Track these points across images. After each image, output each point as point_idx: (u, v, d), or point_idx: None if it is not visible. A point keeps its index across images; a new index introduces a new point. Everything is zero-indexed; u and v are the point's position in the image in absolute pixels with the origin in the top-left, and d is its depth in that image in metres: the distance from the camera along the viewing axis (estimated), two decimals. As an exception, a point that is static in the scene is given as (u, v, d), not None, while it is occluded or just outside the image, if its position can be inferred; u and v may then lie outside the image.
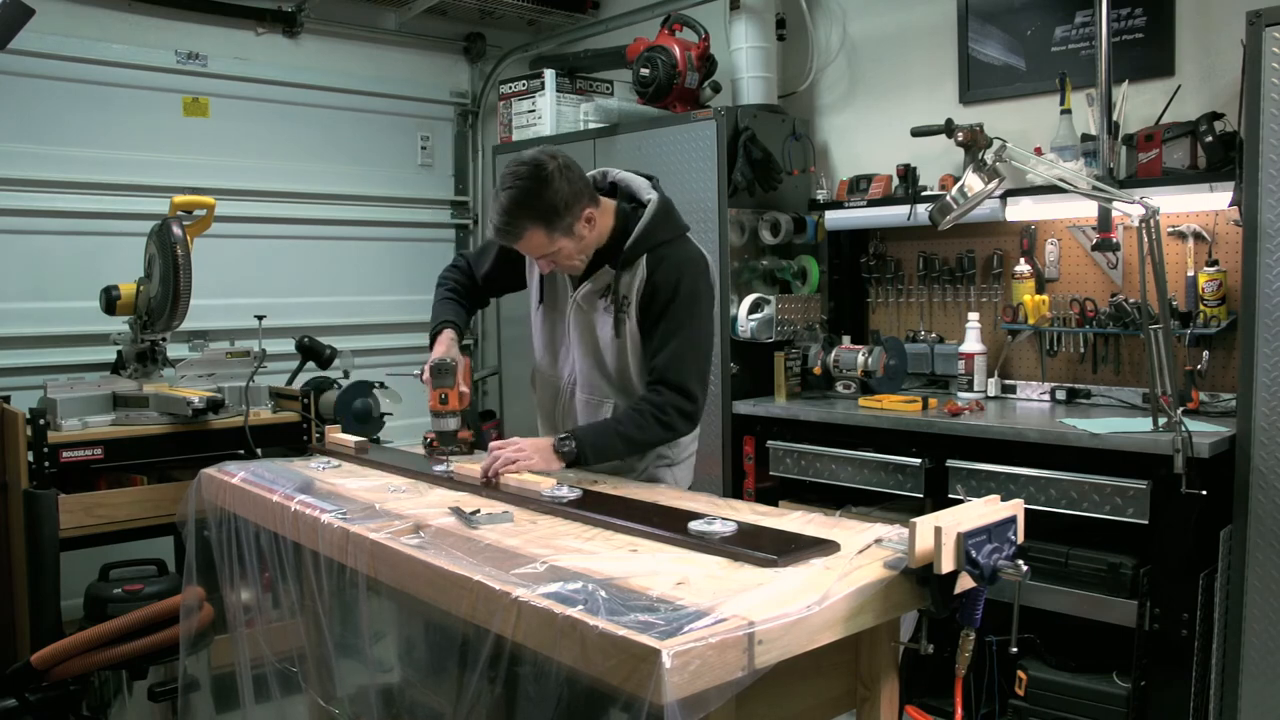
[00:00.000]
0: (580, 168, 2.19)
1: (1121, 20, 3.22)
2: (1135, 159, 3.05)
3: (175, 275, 3.09)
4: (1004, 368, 3.50)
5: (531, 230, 2.13)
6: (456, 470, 2.24)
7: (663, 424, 2.19)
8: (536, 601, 1.39)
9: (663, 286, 2.20)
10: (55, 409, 2.96)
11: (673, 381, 2.20)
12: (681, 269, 2.22)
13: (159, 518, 2.97)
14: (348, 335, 4.50)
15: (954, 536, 1.45)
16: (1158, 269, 2.62)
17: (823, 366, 3.56)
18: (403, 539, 1.78)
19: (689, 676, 1.21)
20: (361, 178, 4.79)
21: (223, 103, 4.34)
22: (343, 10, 4.67)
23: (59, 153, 3.92)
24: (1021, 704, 2.85)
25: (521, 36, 5.09)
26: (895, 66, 3.85)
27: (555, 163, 2.12)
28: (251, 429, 3.05)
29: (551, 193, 2.09)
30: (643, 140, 3.81)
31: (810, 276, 3.77)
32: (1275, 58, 2.46)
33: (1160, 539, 2.62)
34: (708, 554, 1.62)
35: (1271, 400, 2.51)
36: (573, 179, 2.13)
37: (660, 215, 2.25)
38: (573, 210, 2.13)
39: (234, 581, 2.32)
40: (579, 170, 2.17)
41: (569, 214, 2.13)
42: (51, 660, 2.58)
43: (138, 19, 4.10)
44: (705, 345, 2.25)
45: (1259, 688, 2.56)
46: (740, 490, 3.56)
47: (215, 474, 2.40)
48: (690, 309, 2.21)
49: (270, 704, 2.35)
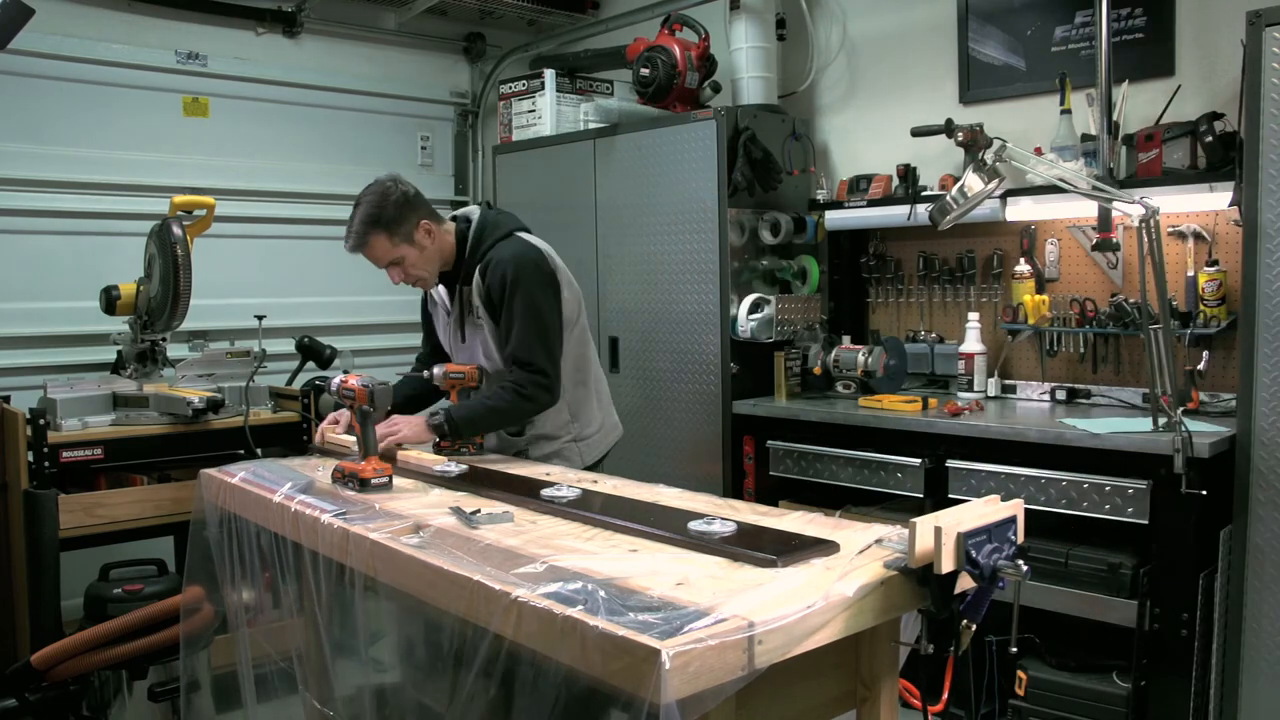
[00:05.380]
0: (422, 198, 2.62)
1: (1121, 20, 3.22)
2: (1135, 159, 3.05)
3: (175, 275, 3.09)
4: (1004, 368, 3.50)
5: (375, 237, 2.54)
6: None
7: (522, 396, 2.54)
8: (536, 601, 1.39)
9: (495, 285, 2.57)
10: (55, 409, 2.96)
11: (523, 360, 2.55)
12: (505, 266, 2.56)
13: (159, 518, 2.97)
14: (348, 335, 4.50)
15: (954, 536, 1.45)
16: (1158, 269, 2.62)
17: (823, 366, 3.56)
18: (403, 539, 1.78)
19: (689, 676, 1.21)
20: (361, 178, 4.66)
21: (223, 103, 4.34)
22: (343, 10, 4.67)
23: (59, 153, 3.92)
24: (1021, 704, 2.85)
25: (521, 36, 5.09)
26: (895, 66, 3.85)
27: (395, 185, 2.57)
28: (251, 429, 3.05)
29: (391, 205, 2.53)
30: (643, 140, 3.82)
31: (810, 276, 3.77)
32: (1275, 58, 2.46)
33: (1160, 539, 2.62)
34: (708, 554, 1.62)
35: (1271, 400, 2.51)
36: (410, 198, 2.57)
37: (481, 227, 2.65)
38: (409, 220, 2.55)
39: (234, 581, 2.32)
40: (419, 198, 2.61)
41: (406, 223, 2.54)
42: (51, 660, 2.58)
43: (138, 19, 4.10)
44: (546, 322, 2.58)
45: (1259, 688, 2.56)
46: (740, 490, 3.56)
47: (215, 474, 2.40)
48: (523, 297, 2.54)
49: (271, 704, 2.35)
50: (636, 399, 3.83)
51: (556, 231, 4.14)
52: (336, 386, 2.30)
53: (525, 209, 4.31)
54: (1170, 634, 2.61)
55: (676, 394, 3.76)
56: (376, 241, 2.55)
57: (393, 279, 2.65)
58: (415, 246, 2.57)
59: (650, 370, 3.85)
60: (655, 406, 3.81)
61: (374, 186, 2.58)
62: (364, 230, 2.54)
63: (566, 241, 4.06)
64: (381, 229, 2.53)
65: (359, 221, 2.54)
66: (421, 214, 2.58)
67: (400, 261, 2.58)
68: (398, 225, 2.53)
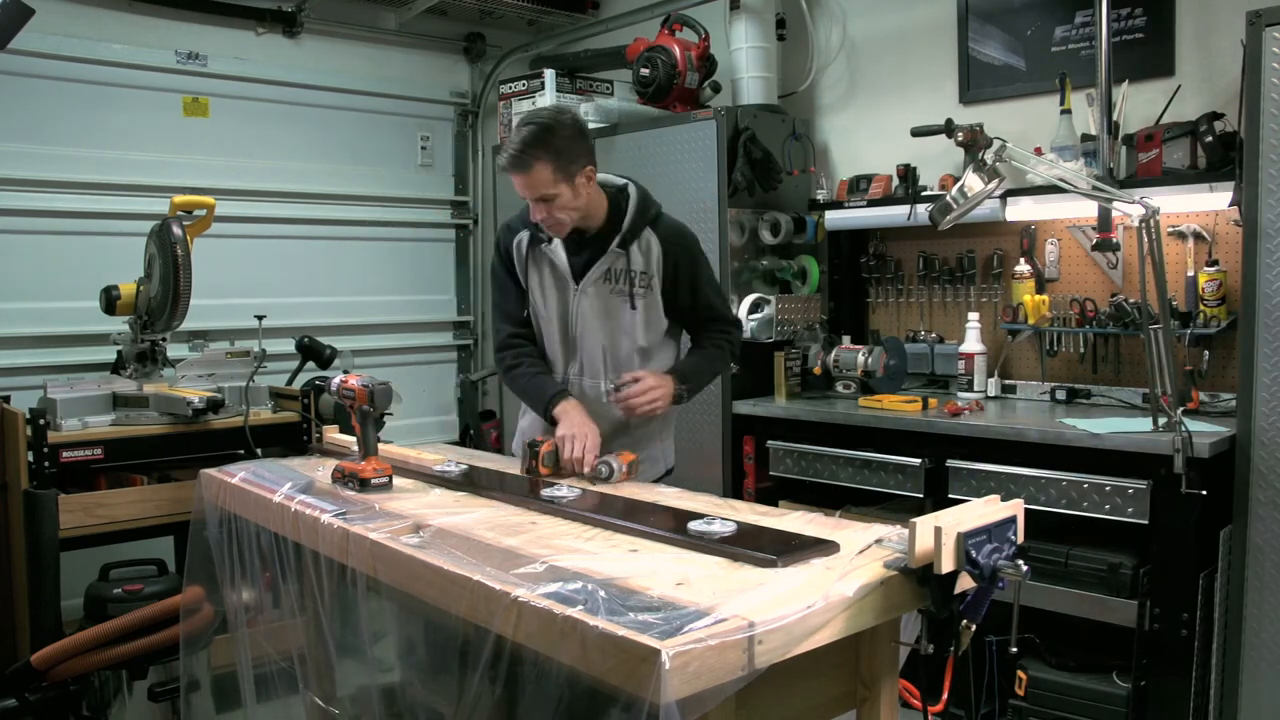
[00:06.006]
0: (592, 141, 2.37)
1: (1121, 20, 3.22)
2: (1135, 159, 3.05)
3: (175, 275, 3.09)
4: (1004, 368, 3.50)
5: (540, 165, 2.26)
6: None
7: (732, 354, 2.58)
8: (536, 601, 1.39)
9: (679, 250, 2.46)
10: (55, 409, 2.96)
11: (731, 318, 2.61)
12: (683, 231, 2.50)
13: (159, 518, 2.97)
14: (348, 335, 4.50)
15: (954, 536, 1.45)
16: (1158, 269, 2.62)
17: (823, 366, 3.56)
18: (402, 539, 1.78)
19: (689, 677, 1.21)
20: (361, 178, 4.79)
21: (223, 103, 4.34)
22: (343, 10, 4.67)
23: (59, 153, 3.92)
24: (1021, 704, 2.85)
25: (521, 36, 5.09)
26: (895, 66, 3.85)
27: (572, 116, 2.35)
28: (251, 429, 3.05)
29: (566, 132, 2.29)
30: (643, 140, 3.81)
31: (810, 276, 3.77)
32: (1275, 58, 2.46)
33: (1160, 539, 2.62)
34: (708, 554, 1.62)
35: (1271, 400, 2.51)
36: (585, 134, 2.35)
37: (644, 193, 2.49)
38: (579, 160, 2.30)
39: (234, 581, 2.32)
40: (590, 139, 2.37)
41: (576, 162, 2.30)
42: (51, 660, 2.58)
43: (138, 19, 4.10)
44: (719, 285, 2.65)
45: (1259, 688, 2.56)
46: (740, 490, 3.56)
47: (215, 474, 2.40)
48: (705, 259, 2.54)
49: (271, 704, 2.35)
50: (636, 399, 3.82)
51: (556, 231, 4.17)
52: (336, 386, 2.29)
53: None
54: (1170, 634, 2.61)
55: (676, 394, 3.75)
56: (540, 168, 2.26)
57: (535, 215, 2.37)
58: (573, 188, 2.31)
59: (650, 370, 3.84)
60: (655, 406, 3.80)
61: (546, 109, 2.37)
62: (531, 151, 2.25)
63: (566, 241, 4.09)
64: (549, 156, 2.25)
65: (527, 139, 2.25)
66: (590, 157, 2.34)
67: (554, 199, 2.29)
68: (566, 159, 2.27)
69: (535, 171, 2.26)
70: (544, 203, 2.31)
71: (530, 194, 2.32)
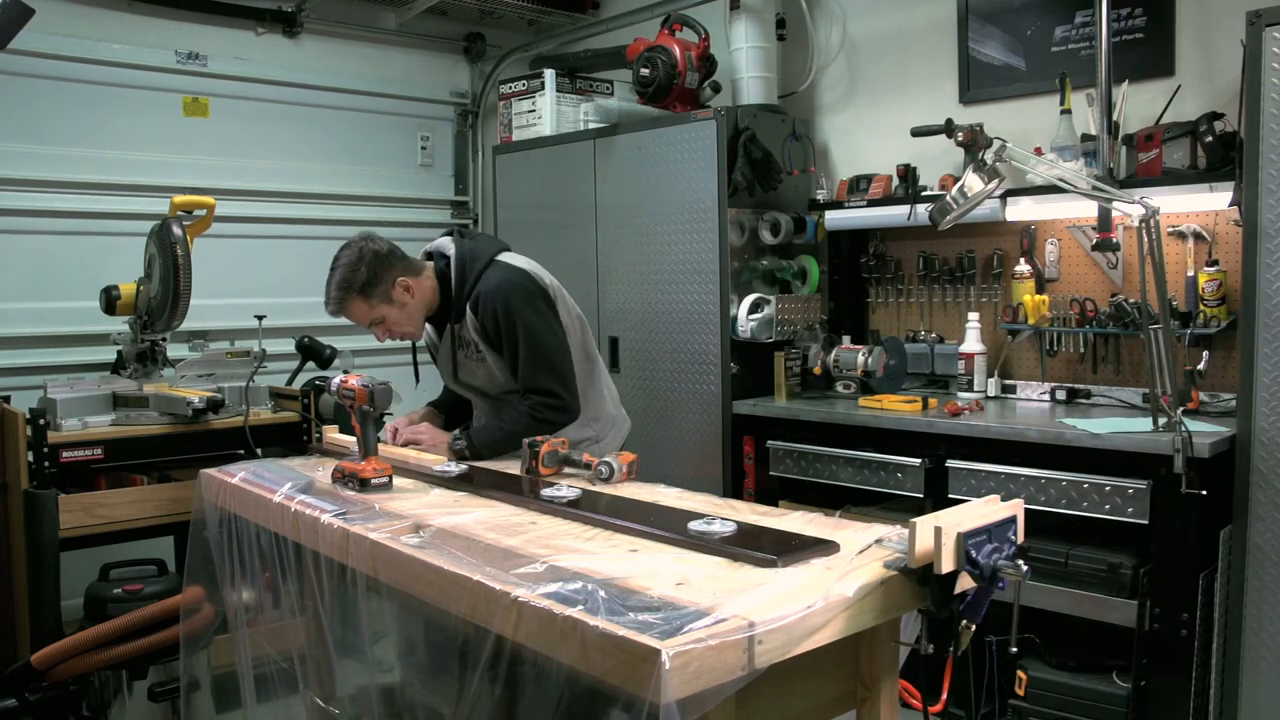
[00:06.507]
0: (399, 250, 2.61)
1: (1121, 20, 3.22)
2: (1135, 159, 3.05)
3: (175, 275, 3.09)
4: (1004, 368, 3.50)
5: (353, 302, 2.54)
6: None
7: (538, 420, 2.55)
8: (536, 601, 1.39)
9: (488, 321, 2.57)
10: (55, 409, 2.95)
11: (531, 386, 2.58)
12: (494, 301, 2.56)
13: (159, 518, 2.97)
14: (348, 335, 4.48)
15: (954, 536, 1.45)
16: (1158, 269, 2.62)
17: (823, 366, 3.56)
18: (402, 539, 1.78)
19: (689, 677, 1.21)
20: (362, 178, 4.79)
21: (223, 103, 4.34)
22: (343, 10, 4.67)
23: (59, 153, 3.92)
24: (1021, 704, 2.85)
25: (521, 36, 5.09)
26: (895, 66, 3.85)
27: (367, 245, 2.55)
28: (251, 429, 3.05)
29: (364, 268, 2.52)
30: (643, 140, 3.81)
31: (810, 276, 3.77)
32: (1275, 58, 2.46)
33: (1160, 539, 2.62)
34: (707, 554, 1.62)
35: (1271, 400, 2.51)
36: (383, 257, 2.55)
37: (460, 264, 2.62)
38: (385, 280, 2.54)
39: (234, 581, 2.32)
40: (396, 251, 2.60)
41: (382, 283, 2.53)
42: (51, 660, 2.58)
43: (137, 19, 4.11)
44: (546, 346, 2.59)
45: (1259, 688, 2.56)
46: (740, 490, 3.56)
47: (215, 474, 2.40)
48: (518, 325, 2.55)
49: (271, 704, 2.35)
50: (636, 399, 3.82)
51: (556, 232, 4.17)
52: (336, 386, 2.29)
53: (525, 209, 4.36)
54: (1170, 634, 2.61)
55: (676, 394, 3.75)
56: (355, 305, 2.54)
57: (378, 338, 2.64)
58: (395, 305, 2.57)
59: (650, 370, 3.85)
60: (655, 406, 3.81)
61: (346, 250, 2.57)
62: (341, 296, 2.54)
63: (566, 241, 4.09)
64: (357, 293, 2.52)
65: (334, 288, 2.54)
66: (396, 271, 2.56)
67: (382, 321, 2.58)
68: (373, 287, 2.52)
69: (352, 309, 2.55)
70: (378, 326, 2.59)
71: (362, 324, 2.59)
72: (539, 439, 2.30)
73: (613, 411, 2.90)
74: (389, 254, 2.57)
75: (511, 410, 2.61)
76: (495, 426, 2.61)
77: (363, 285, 2.52)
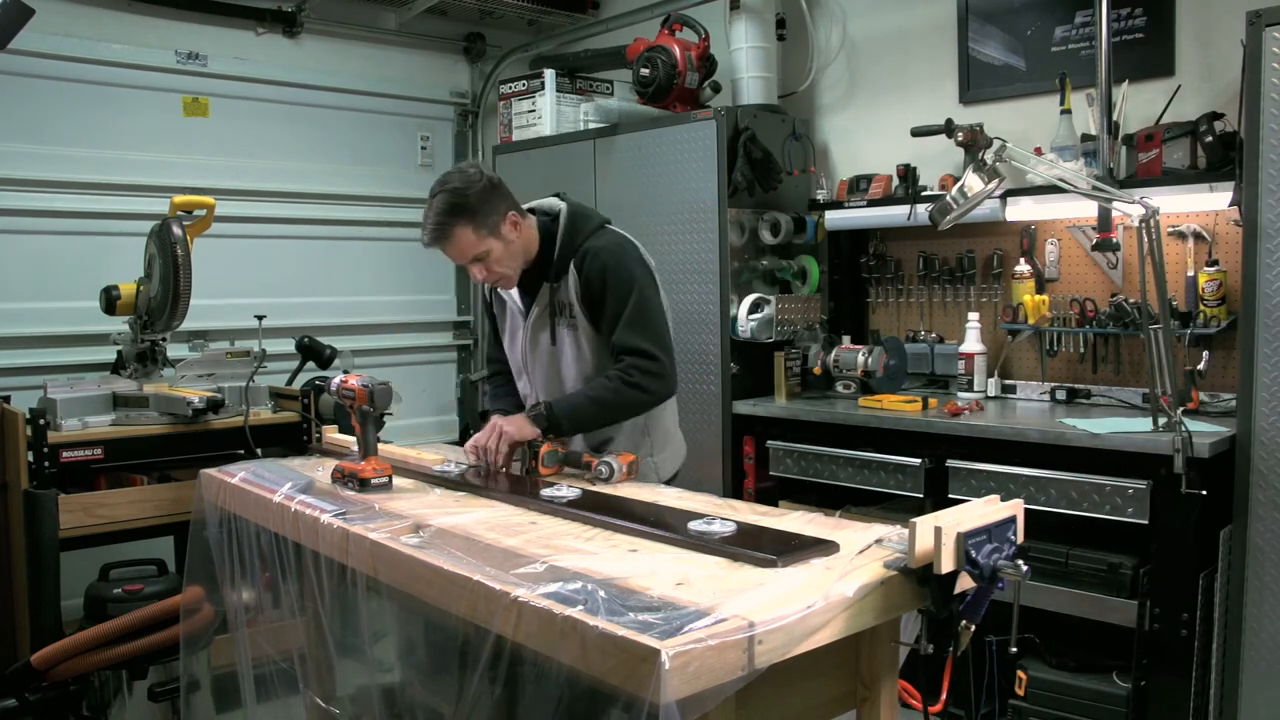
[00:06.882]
0: (506, 187, 2.35)
1: (1121, 20, 3.22)
2: (1135, 159, 3.05)
3: (175, 275, 3.09)
4: (1004, 368, 3.50)
5: (459, 230, 2.27)
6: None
7: (629, 384, 2.30)
8: (536, 601, 1.39)
9: (595, 277, 2.34)
10: (55, 409, 2.96)
11: (628, 346, 2.32)
12: (604, 256, 2.35)
13: (159, 518, 2.97)
14: (348, 335, 4.50)
15: (954, 536, 1.45)
16: (1158, 269, 2.62)
17: (823, 366, 3.56)
18: (402, 539, 1.78)
19: (689, 677, 1.21)
20: (361, 178, 4.79)
21: (223, 103, 4.34)
22: (343, 10, 4.67)
23: (59, 153, 3.92)
24: (1021, 704, 2.85)
25: (521, 36, 5.09)
26: (895, 66, 3.85)
27: (480, 171, 2.31)
28: (251, 429, 3.05)
29: (476, 192, 2.26)
30: (643, 140, 3.81)
31: (810, 276, 3.77)
32: (1275, 58, 2.46)
33: (1160, 539, 2.62)
34: (708, 554, 1.62)
35: (1271, 400, 2.51)
36: (496, 187, 2.30)
37: (572, 220, 2.40)
38: (497, 210, 2.29)
39: (234, 581, 2.32)
40: (504, 187, 2.34)
41: (494, 214, 2.28)
42: (51, 660, 2.58)
43: (138, 19, 4.10)
44: (654, 310, 2.36)
45: (1259, 688, 2.56)
46: (740, 490, 3.56)
47: (215, 474, 2.40)
48: (627, 285, 2.33)
49: (271, 704, 2.35)
50: (636, 399, 3.82)
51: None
52: (336, 386, 2.29)
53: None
54: (1170, 634, 2.61)
55: (677, 394, 3.75)
56: (460, 234, 2.26)
57: (475, 276, 2.38)
58: (501, 240, 2.30)
59: (650, 370, 3.84)
60: (655, 406, 3.81)
61: (455, 173, 2.32)
62: (446, 221, 2.26)
63: (566, 241, 4.09)
64: (466, 220, 2.25)
65: (439, 212, 2.26)
66: (508, 203, 2.31)
67: (485, 257, 2.30)
68: (484, 216, 2.26)
69: (457, 238, 2.28)
70: (478, 263, 2.32)
71: (462, 259, 2.33)
72: (539, 439, 2.28)
73: (672, 429, 2.64)
74: (500, 183, 2.32)
75: (600, 378, 2.34)
76: (580, 394, 2.34)
77: (473, 211, 2.25)
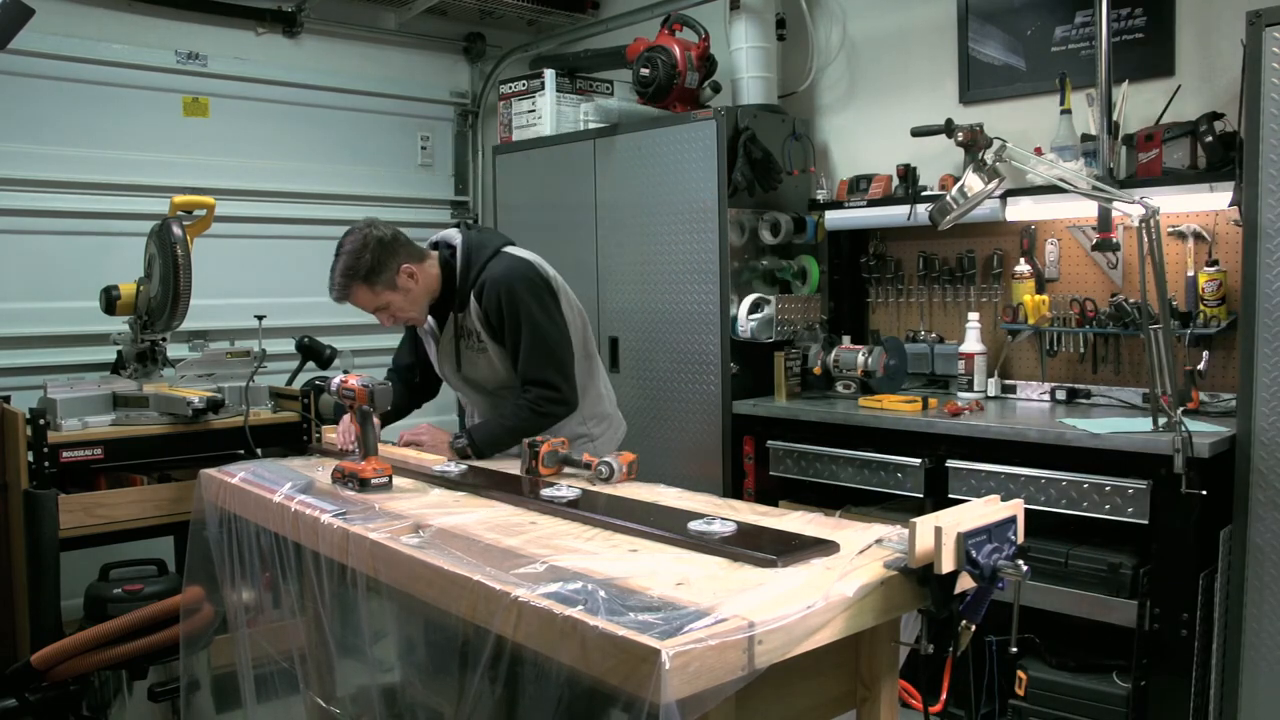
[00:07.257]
0: (404, 235, 2.61)
1: (1121, 20, 3.22)
2: (1135, 159, 3.06)
3: (175, 275, 3.09)
4: (1004, 368, 3.50)
5: (357, 290, 2.56)
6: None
7: (539, 414, 2.58)
8: (536, 601, 1.39)
9: (492, 308, 2.58)
10: (55, 409, 2.95)
11: (532, 379, 2.59)
12: (498, 286, 2.58)
13: (159, 518, 2.96)
14: (348, 335, 4.49)
15: (954, 536, 1.45)
16: (1158, 269, 2.62)
17: (823, 366, 3.56)
18: (402, 539, 1.78)
19: (689, 677, 1.21)
20: (361, 178, 4.79)
21: (223, 103, 4.34)
22: (343, 10, 4.67)
23: (59, 153, 3.92)
24: (1021, 704, 2.85)
25: (521, 36, 5.09)
26: (895, 66, 3.85)
27: (371, 231, 2.55)
28: (251, 429, 3.04)
29: (369, 254, 2.52)
30: (643, 140, 3.81)
31: (810, 276, 3.77)
32: (1275, 58, 2.46)
33: (1160, 539, 2.62)
34: (708, 554, 1.62)
35: (1271, 400, 2.51)
36: (387, 243, 2.55)
37: (467, 252, 2.64)
38: (389, 267, 2.54)
39: (234, 581, 2.32)
40: (400, 237, 2.60)
41: (386, 270, 2.54)
42: (51, 660, 2.58)
43: (137, 19, 4.10)
44: (550, 337, 2.60)
45: (1259, 688, 2.56)
46: (740, 490, 3.56)
47: (215, 474, 2.40)
48: (521, 312, 2.57)
49: (271, 704, 2.35)
50: (636, 399, 3.82)
51: (556, 232, 4.16)
52: (336, 386, 2.30)
53: (525, 209, 4.36)
54: (1170, 634, 2.61)
55: (676, 394, 3.76)
56: (359, 292, 2.56)
57: (382, 323, 2.67)
58: (399, 291, 2.58)
59: (650, 370, 3.85)
60: (655, 406, 3.81)
61: (351, 236, 2.57)
62: (345, 283, 2.55)
63: (566, 242, 4.09)
64: (361, 280, 2.54)
65: (339, 275, 2.55)
66: (401, 258, 2.57)
67: (386, 307, 2.60)
68: (378, 274, 2.54)
69: (357, 297, 2.57)
70: (383, 312, 2.61)
71: (368, 310, 2.61)
72: (539, 439, 2.30)
73: (609, 411, 2.92)
74: (393, 240, 2.58)
75: (511, 405, 2.62)
76: (496, 423, 2.63)
77: (367, 272, 2.53)
